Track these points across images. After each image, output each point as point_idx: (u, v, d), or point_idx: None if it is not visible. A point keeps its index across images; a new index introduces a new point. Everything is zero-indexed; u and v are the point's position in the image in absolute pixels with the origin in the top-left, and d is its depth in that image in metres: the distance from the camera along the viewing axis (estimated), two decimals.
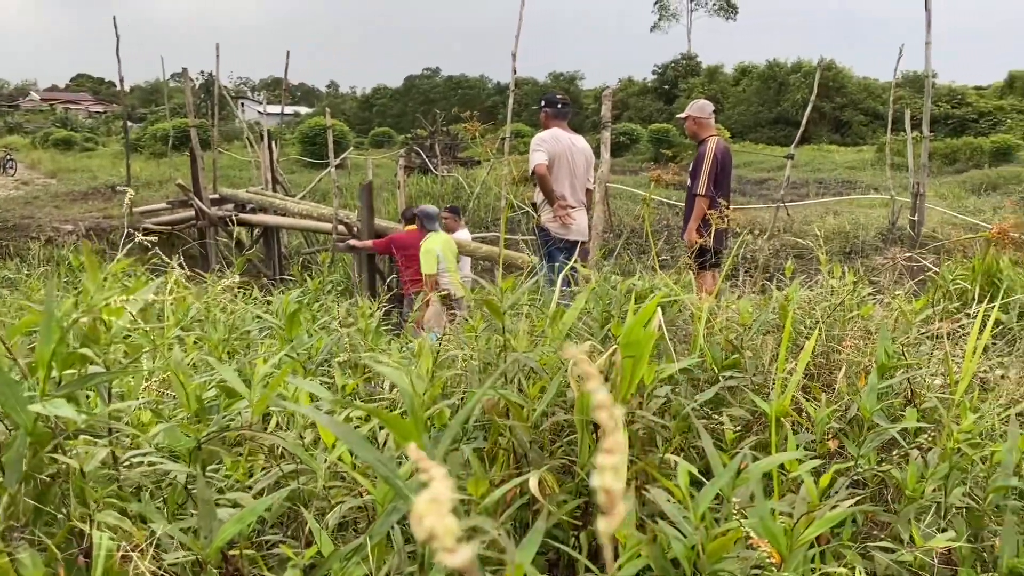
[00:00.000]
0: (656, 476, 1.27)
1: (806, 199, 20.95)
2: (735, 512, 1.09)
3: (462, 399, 1.81)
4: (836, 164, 32.51)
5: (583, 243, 6.28)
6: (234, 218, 13.21)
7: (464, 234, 9.42)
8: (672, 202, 16.46)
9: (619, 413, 1.37)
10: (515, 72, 9.46)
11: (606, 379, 1.61)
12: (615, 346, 1.50)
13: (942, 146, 32.40)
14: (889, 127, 15.38)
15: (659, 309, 1.65)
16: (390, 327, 4.25)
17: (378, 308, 3.74)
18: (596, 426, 1.63)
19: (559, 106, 6.31)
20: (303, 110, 75.86)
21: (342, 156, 23.19)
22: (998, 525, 1.79)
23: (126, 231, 3.15)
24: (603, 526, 0.47)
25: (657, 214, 18.00)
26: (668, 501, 1.12)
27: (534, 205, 6.52)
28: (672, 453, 2.04)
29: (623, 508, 0.46)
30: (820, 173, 29.34)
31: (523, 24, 9.46)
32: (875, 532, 1.93)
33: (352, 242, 9.86)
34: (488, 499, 1.21)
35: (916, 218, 9.94)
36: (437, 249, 7.60)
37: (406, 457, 1.37)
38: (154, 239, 2.16)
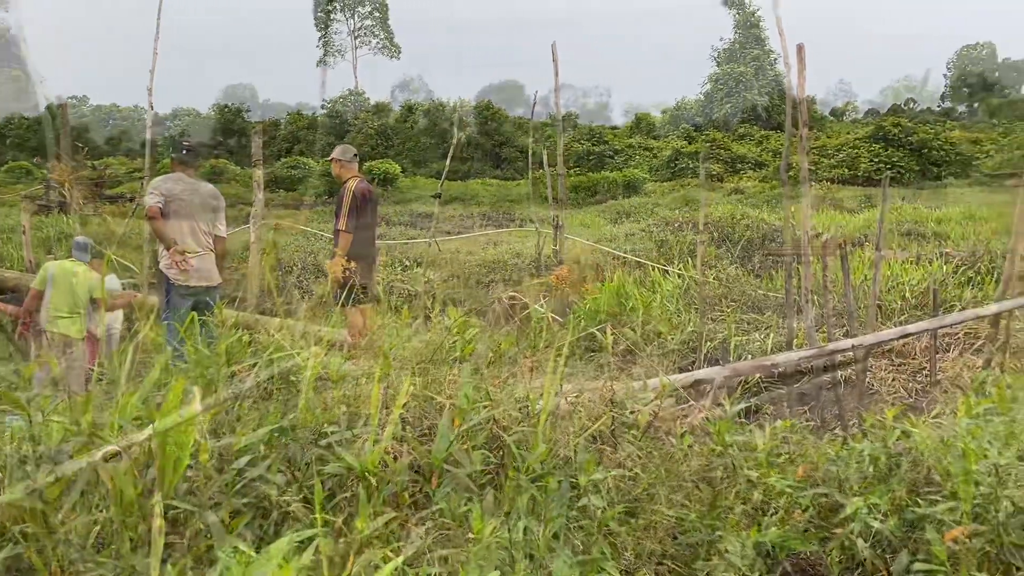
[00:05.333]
0: None
1: (472, 231, 22.20)
2: None
3: None
4: (497, 197, 35.02)
5: (213, 288, 6.35)
6: None
7: (113, 281, 8.68)
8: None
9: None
10: (152, 107, 8.88)
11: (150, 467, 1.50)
12: (151, 434, 1.40)
13: (585, 180, 36.36)
14: (530, 164, 16.92)
15: (196, 391, 1.58)
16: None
17: None
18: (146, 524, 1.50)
19: (184, 152, 6.65)
20: None
21: None
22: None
23: None
24: None
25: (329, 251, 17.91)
26: None
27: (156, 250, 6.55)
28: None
29: None
30: (484, 206, 31.42)
31: (162, 56, 8.86)
32: None
33: None
34: None
35: (557, 247, 10.97)
36: (51, 269, 7.33)
37: None
38: None
